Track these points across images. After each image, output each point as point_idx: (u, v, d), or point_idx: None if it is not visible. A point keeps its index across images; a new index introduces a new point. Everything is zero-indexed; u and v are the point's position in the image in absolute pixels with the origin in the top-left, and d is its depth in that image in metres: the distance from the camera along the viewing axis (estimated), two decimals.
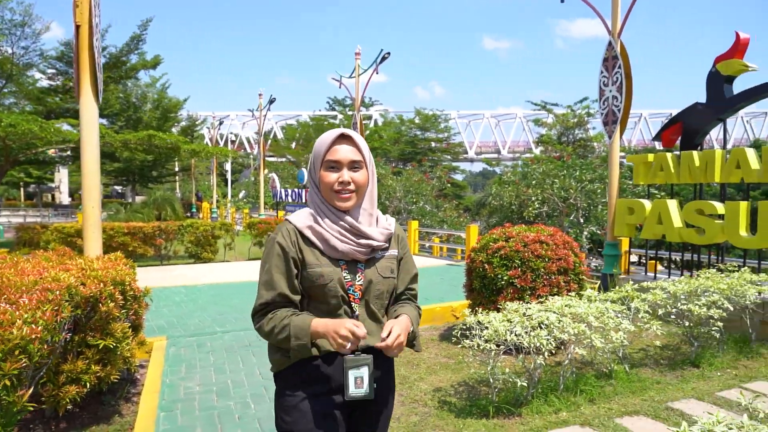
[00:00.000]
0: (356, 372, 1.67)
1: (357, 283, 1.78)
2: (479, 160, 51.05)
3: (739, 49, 6.51)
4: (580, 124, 29.50)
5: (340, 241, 1.74)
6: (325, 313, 1.74)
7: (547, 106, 31.77)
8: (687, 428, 1.93)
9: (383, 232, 1.81)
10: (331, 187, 1.75)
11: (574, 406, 4.11)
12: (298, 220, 1.79)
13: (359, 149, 1.77)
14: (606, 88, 7.87)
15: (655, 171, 7.29)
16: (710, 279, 5.28)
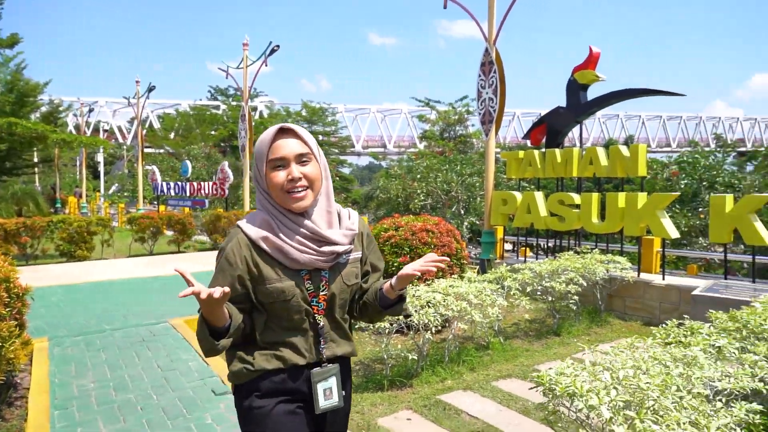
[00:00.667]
0: (324, 384, 1.64)
1: (321, 293, 1.64)
2: (366, 154, 51.90)
3: (592, 62, 7.52)
4: (460, 121, 31.25)
5: (299, 251, 1.58)
6: (288, 329, 1.63)
7: (430, 103, 33.22)
8: (545, 372, 2.42)
9: (347, 234, 1.67)
10: (281, 187, 1.58)
11: (458, 374, 4.63)
12: (251, 230, 1.61)
13: (304, 141, 1.62)
14: (483, 90, 8.63)
15: (524, 166, 8.17)
16: (568, 260, 6.12)
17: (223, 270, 1.60)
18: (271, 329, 1.64)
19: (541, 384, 2.41)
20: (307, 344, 1.65)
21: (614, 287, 6.58)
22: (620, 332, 5.97)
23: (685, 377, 2.39)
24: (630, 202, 6.69)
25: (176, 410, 3.76)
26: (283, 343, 1.63)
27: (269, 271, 1.59)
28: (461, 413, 3.84)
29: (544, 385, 2.39)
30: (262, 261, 1.60)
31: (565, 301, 5.84)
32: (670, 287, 6.28)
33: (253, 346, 1.65)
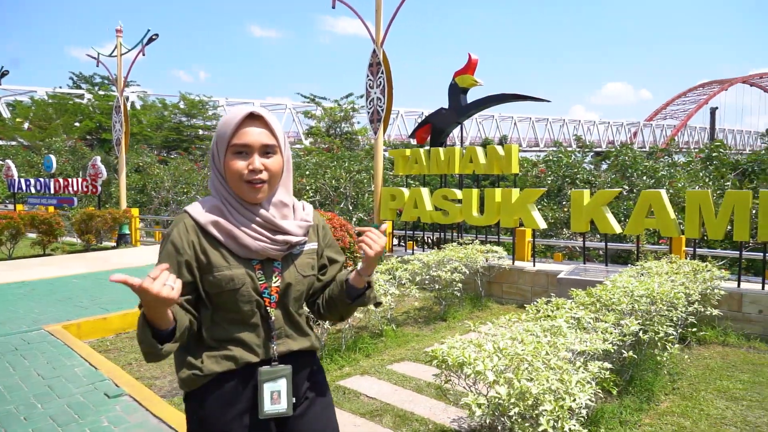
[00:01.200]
0: (272, 385, 1.49)
1: (273, 284, 1.54)
2: None
3: (471, 67, 8.14)
4: (346, 119, 31.63)
5: (251, 238, 1.50)
6: (237, 323, 1.52)
7: (316, 99, 33.20)
8: (438, 347, 2.73)
9: (301, 225, 1.59)
10: (240, 175, 1.49)
11: (355, 361, 4.87)
12: (199, 214, 1.51)
13: (272, 131, 1.52)
14: (372, 90, 8.96)
15: (411, 164, 8.62)
16: (452, 251, 6.62)
17: (170, 256, 1.47)
18: (218, 324, 1.52)
19: (435, 358, 2.71)
20: (258, 339, 1.52)
21: (493, 275, 7.22)
22: (499, 315, 6.53)
23: (552, 344, 2.81)
24: (505, 197, 7.38)
25: (67, 417, 3.59)
26: (232, 339, 1.50)
27: (218, 258, 1.48)
28: (360, 396, 4.09)
29: (438, 359, 2.69)
30: (211, 247, 1.49)
31: (450, 289, 6.32)
32: (540, 273, 7.04)
33: (201, 346, 1.52)
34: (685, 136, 71.52)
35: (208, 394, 1.49)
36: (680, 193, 9.58)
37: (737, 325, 5.61)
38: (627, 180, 12.19)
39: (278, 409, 1.49)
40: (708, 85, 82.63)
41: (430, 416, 3.69)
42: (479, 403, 2.42)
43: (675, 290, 4.30)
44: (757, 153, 12.67)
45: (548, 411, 2.31)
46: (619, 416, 3.54)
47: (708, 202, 5.94)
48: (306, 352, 1.62)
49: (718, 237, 6.03)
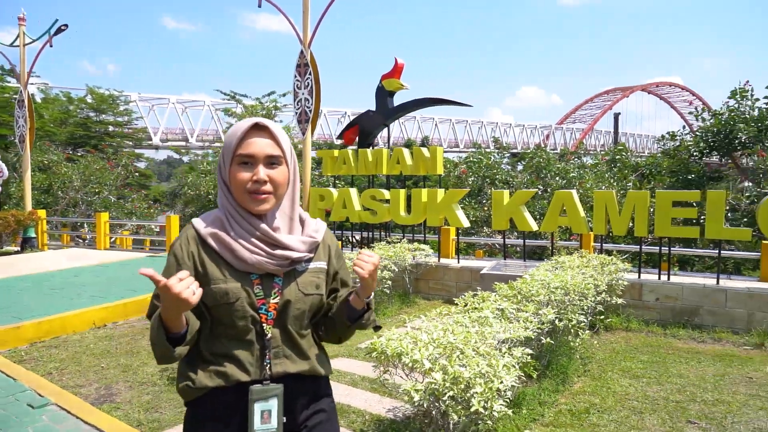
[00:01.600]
0: (263, 405, 1.46)
1: (271, 301, 1.50)
2: (166, 147, 48.27)
3: (398, 71, 8.39)
4: (268, 117, 31.21)
5: (248, 251, 1.48)
6: (232, 338, 1.49)
7: (236, 96, 32.42)
8: (377, 340, 2.89)
9: (306, 241, 1.55)
10: (244, 186, 1.48)
11: None
12: (201, 226, 1.52)
13: (277, 142, 1.51)
14: (299, 90, 8.99)
15: (339, 164, 8.75)
16: (382, 249, 6.83)
17: (169, 266, 1.49)
18: (215, 338, 1.50)
19: (374, 350, 2.87)
20: (252, 358, 1.49)
21: (420, 272, 7.51)
22: (426, 310, 6.83)
23: (480, 333, 3.06)
24: (431, 196, 7.69)
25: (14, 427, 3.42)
26: (227, 355, 1.48)
27: (215, 271, 1.48)
28: None
29: (377, 351, 2.85)
30: (209, 259, 1.49)
31: (380, 287, 6.52)
32: (464, 269, 7.41)
33: (198, 358, 1.51)
34: (592, 139, 76.50)
35: (202, 407, 1.49)
36: (589, 193, 10.36)
37: (638, 312, 6.22)
38: (541, 180, 12.99)
39: (268, 428, 1.47)
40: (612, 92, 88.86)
41: (367, 408, 3.85)
42: (417, 389, 2.61)
43: (586, 282, 4.73)
44: (654, 156, 13.92)
45: (479, 393, 2.54)
46: (538, 398, 3.87)
47: (613, 201, 6.53)
48: (307, 377, 1.55)
49: (621, 233, 6.64)
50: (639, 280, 6.35)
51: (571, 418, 3.66)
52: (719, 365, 4.75)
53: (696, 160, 11.58)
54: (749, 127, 10.67)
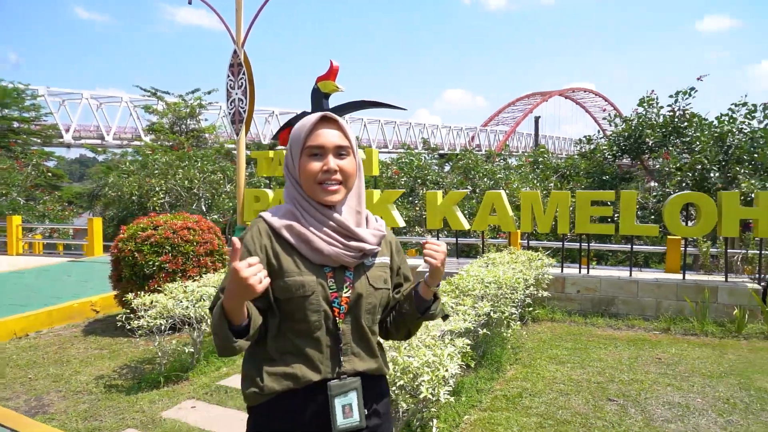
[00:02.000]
0: (343, 399, 1.45)
1: (344, 295, 1.48)
2: (78, 145, 45.35)
3: (333, 73, 8.48)
4: (192, 115, 30.17)
5: (326, 243, 1.46)
6: (303, 335, 1.46)
7: (157, 93, 31.14)
8: None
9: (376, 234, 1.55)
10: (315, 177, 1.47)
11: (232, 361, 4.94)
12: (274, 219, 1.49)
13: (345, 133, 1.51)
14: (233, 90, 8.87)
15: (275, 165, 8.73)
16: None
17: (243, 253, 1.43)
18: (284, 335, 1.47)
19: None
20: (322, 355, 1.46)
21: None
22: None
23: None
24: (367, 197, 7.85)
25: None
26: (296, 353, 1.46)
27: (290, 263, 1.45)
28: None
29: None
30: (283, 252, 1.46)
31: None
32: None
33: (265, 359, 1.48)
34: (515, 141, 79.72)
35: (271, 412, 1.45)
36: (515, 193, 10.92)
37: (561, 303, 6.69)
38: (470, 181, 13.50)
39: (351, 422, 1.45)
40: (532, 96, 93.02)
41: None
42: None
43: (516, 277, 5.06)
44: (572, 158, 14.83)
45: (426, 381, 2.72)
46: (475, 385, 4.13)
47: (538, 201, 6.97)
48: (372, 376, 1.54)
49: (545, 230, 7.10)
50: (562, 274, 6.82)
51: (506, 402, 3.94)
52: (633, 349, 5.24)
53: (609, 162, 12.48)
54: (655, 132, 11.66)
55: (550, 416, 3.71)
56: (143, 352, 5.23)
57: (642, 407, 3.86)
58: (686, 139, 11.15)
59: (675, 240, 7.27)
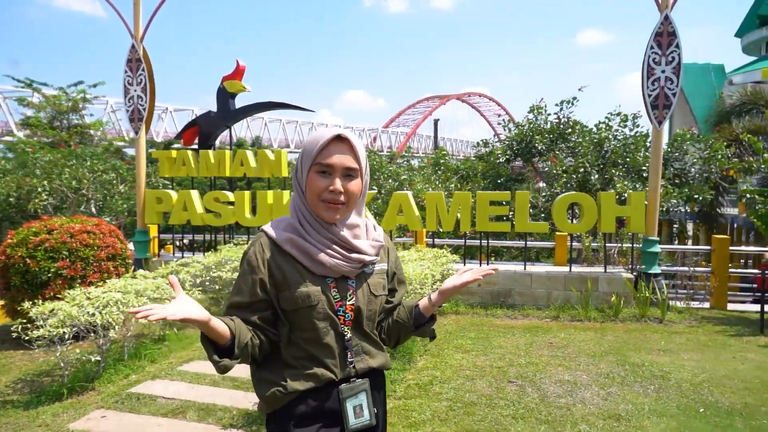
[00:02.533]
0: (354, 401, 1.54)
1: (348, 303, 1.55)
2: None
3: (239, 73, 8.37)
4: (75, 110, 27.96)
5: (327, 255, 1.52)
6: (312, 342, 1.52)
7: (33, 84, 28.46)
8: None
9: (374, 245, 1.61)
10: (319, 194, 1.51)
11: (141, 368, 4.80)
12: (275, 232, 1.55)
13: (356, 156, 1.53)
14: (131, 87, 8.47)
15: (178, 166, 8.45)
16: (229, 251, 6.83)
17: (245, 275, 1.52)
18: (295, 343, 1.53)
19: None
20: (334, 359, 1.54)
21: None
22: None
23: None
24: (278, 198, 7.86)
25: None
26: (310, 358, 1.53)
27: (294, 276, 1.51)
28: (156, 398, 4.11)
29: None
30: (287, 264, 1.52)
31: (228, 289, 6.53)
32: None
33: (281, 364, 1.55)
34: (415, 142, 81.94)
35: (291, 415, 1.51)
36: (419, 194, 11.38)
37: (464, 297, 7.14)
38: (375, 182, 13.82)
39: (363, 422, 1.54)
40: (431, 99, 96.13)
41: (233, 404, 3.97)
42: None
43: (423, 273, 5.37)
44: (470, 160, 15.69)
45: None
46: (389, 377, 4.36)
47: (442, 201, 7.38)
48: (379, 371, 1.64)
49: (449, 229, 7.54)
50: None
51: (418, 390, 4.21)
52: (528, 335, 5.75)
53: (504, 165, 13.37)
54: (544, 137, 12.67)
55: (459, 399, 4.03)
56: (40, 365, 4.91)
57: (537, 386, 4.29)
58: (570, 144, 12.22)
59: (562, 236, 8.01)
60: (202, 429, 3.61)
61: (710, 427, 3.61)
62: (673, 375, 4.53)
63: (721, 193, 13.77)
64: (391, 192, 12.57)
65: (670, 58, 6.82)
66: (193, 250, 9.66)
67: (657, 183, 7.01)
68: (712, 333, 5.93)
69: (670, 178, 11.94)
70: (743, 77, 34.57)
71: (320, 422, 1.52)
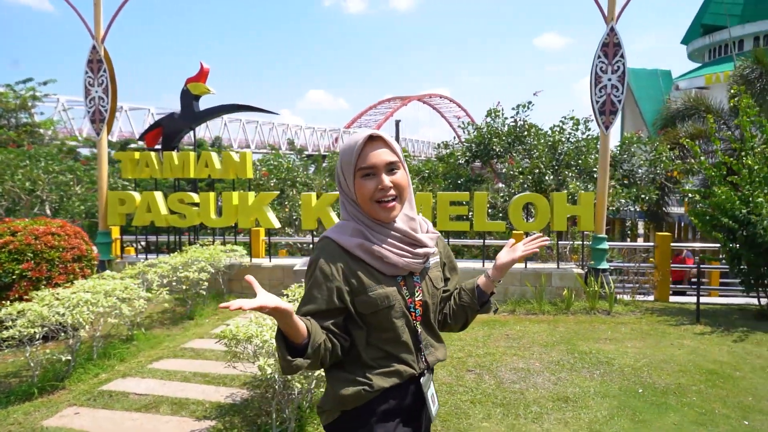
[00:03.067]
0: (431, 390, 1.64)
1: (417, 299, 1.60)
2: None
3: (203, 76, 8.43)
4: (23, 108, 27.03)
5: (398, 256, 1.55)
6: (391, 341, 1.56)
7: None
8: (227, 328, 3.26)
9: (432, 237, 1.67)
10: (371, 196, 1.53)
11: (110, 367, 4.88)
12: (343, 239, 1.55)
13: (392, 149, 1.56)
14: (92, 88, 8.42)
15: (141, 167, 8.44)
16: (196, 252, 6.92)
17: (319, 284, 1.51)
18: (373, 345, 1.55)
19: (225, 337, 3.24)
20: (411, 354, 1.59)
21: (233, 272, 7.75)
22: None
23: None
24: (242, 199, 7.97)
25: None
26: (389, 356, 1.56)
27: (368, 279, 1.53)
28: (129, 395, 4.22)
29: (228, 336, 3.23)
30: (359, 269, 1.54)
31: (195, 289, 6.63)
32: (277, 267, 7.87)
33: (360, 365, 1.56)
34: None
35: (371, 412, 1.54)
36: None
37: None
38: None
39: (437, 409, 1.68)
40: (393, 100, 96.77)
41: (205, 398, 4.12)
42: (269, 364, 3.06)
43: None
44: (431, 161, 16.05)
45: None
46: None
47: None
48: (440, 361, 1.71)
49: None
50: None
51: None
52: (487, 329, 6.08)
53: (464, 166, 13.77)
54: (501, 140, 13.15)
55: None
56: (6, 366, 4.92)
57: (494, 374, 4.61)
58: (526, 147, 12.73)
59: (519, 234, 8.39)
60: (176, 422, 3.75)
61: (647, 405, 3.99)
62: (616, 361, 4.93)
63: (666, 193, 14.55)
64: None
65: (615, 67, 7.30)
66: (156, 251, 9.64)
67: (605, 184, 7.48)
68: (654, 323, 6.40)
69: (619, 179, 12.60)
70: (688, 83, 36.38)
71: (399, 418, 1.57)
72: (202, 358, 5.11)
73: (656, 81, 38.87)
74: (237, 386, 4.34)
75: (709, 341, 5.63)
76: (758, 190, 6.52)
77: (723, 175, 6.92)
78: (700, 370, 4.72)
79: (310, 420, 3.60)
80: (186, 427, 3.65)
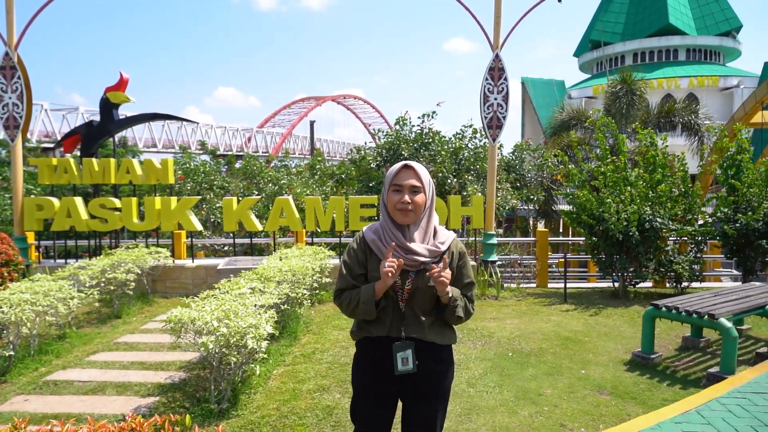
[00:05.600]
0: (402, 354, 2.19)
1: (405, 287, 2.20)
2: None
3: (123, 85, 8.73)
4: None
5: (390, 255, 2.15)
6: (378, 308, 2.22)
7: None
8: (171, 314, 3.91)
9: (431, 250, 2.22)
10: (395, 204, 2.18)
11: (48, 362, 5.28)
12: (369, 233, 2.27)
13: (419, 177, 2.20)
14: (5, 94, 8.45)
15: (60, 173, 8.60)
16: (122, 254, 7.31)
17: (350, 256, 2.29)
18: None
19: (171, 321, 3.89)
20: (388, 323, 2.23)
21: (157, 273, 8.16)
22: (166, 307, 7.61)
23: (241, 303, 4.35)
24: (165, 204, 8.39)
25: None
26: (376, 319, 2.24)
27: (373, 266, 2.24)
28: (73, 382, 4.70)
29: (173, 321, 3.89)
30: (371, 258, 2.25)
31: (122, 289, 7.03)
32: (200, 267, 8.37)
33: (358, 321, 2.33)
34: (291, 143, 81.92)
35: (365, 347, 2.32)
36: (299, 197, 12.34)
37: None
38: (256, 186, 14.51)
39: (407, 369, 2.19)
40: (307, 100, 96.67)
41: (146, 380, 4.70)
42: (211, 341, 3.76)
43: (305, 266, 6.39)
44: (344, 164, 16.91)
45: (251, 337, 3.85)
46: (279, 351, 5.34)
47: (319, 205, 8.44)
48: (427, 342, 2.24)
49: (326, 229, 8.62)
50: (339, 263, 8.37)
51: (303, 358, 5.24)
52: None
53: (375, 170, 14.74)
54: (409, 146, 14.26)
55: (335, 362, 5.12)
56: None
57: None
58: (431, 152, 13.92)
59: None
60: (123, 400, 4.32)
61: (513, 364, 5.07)
62: (496, 334, 6.03)
63: (551, 194, 16.37)
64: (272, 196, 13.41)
65: (500, 88, 8.52)
66: (76, 256, 9.74)
67: (493, 187, 8.69)
68: (531, 304, 7.65)
69: (512, 182, 14.12)
70: (579, 92, 39.91)
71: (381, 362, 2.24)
72: (136, 350, 5.62)
73: (552, 90, 42.22)
74: (174, 370, 4.94)
75: (571, 316, 6.92)
76: (609, 193, 7.98)
77: (585, 180, 8.34)
78: (559, 337, 5.93)
79: (243, 390, 4.32)
80: (133, 404, 4.24)
